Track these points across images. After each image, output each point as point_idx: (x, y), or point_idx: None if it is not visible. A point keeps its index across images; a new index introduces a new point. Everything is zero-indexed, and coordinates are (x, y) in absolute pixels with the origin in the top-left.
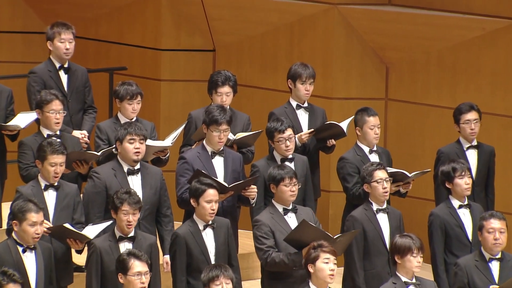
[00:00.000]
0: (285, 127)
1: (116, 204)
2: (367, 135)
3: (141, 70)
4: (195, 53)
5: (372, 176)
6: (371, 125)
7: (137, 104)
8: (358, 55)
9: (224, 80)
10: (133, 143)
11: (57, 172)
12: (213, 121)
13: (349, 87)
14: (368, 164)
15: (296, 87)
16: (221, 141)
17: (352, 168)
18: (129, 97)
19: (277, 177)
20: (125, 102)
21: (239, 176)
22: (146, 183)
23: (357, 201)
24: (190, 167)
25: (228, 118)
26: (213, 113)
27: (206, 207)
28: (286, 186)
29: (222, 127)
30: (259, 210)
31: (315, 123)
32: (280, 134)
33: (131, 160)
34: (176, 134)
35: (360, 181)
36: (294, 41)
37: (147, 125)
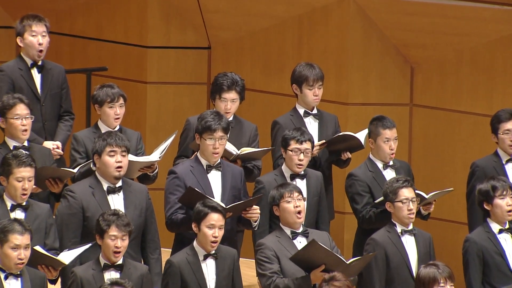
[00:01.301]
0: (306, 138)
1: (102, 228)
2: (381, 150)
3: (124, 70)
4: (187, 51)
5: (397, 194)
6: (386, 139)
7: (119, 108)
8: (377, 53)
9: (231, 84)
10: (114, 156)
11: (25, 189)
12: (206, 127)
13: (367, 91)
14: (393, 180)
15: (303, 93)
16: (216, 151)
17: (362, 186)
18: (110, 99)
19: (276, 195)
20: (105, 106)
21: (239, 194)
22: (130, 203)
23: (367, 225)
24: (181, 183)
25: (225, 125)
26: (206, 119)
27: (208, 233)
28: (287, 202)
29: (217, 134)
30: (263, 234)
31: (326, 133)
32: (297, 144)
33: (112, 176)
34: (165, 146)
35: (371, 202)
36: (303, 37)
37: (132, 135)
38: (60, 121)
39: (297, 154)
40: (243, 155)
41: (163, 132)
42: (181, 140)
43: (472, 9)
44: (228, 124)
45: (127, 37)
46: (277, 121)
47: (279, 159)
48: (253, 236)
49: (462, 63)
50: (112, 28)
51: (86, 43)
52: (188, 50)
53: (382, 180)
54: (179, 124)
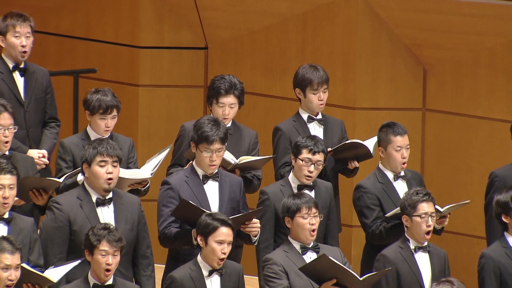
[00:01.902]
0: (319, 149)
1: (92, 243)
2: (392, 159)
3: (114, 72)
4: (182, 52)
5: (416, 208)
6: (397, 146)
7: (111, 120)
8: (388, 54)
9: (229, 88)
10: (105, 166)
11: (6, 197)
12: (203, 138)
13: (376, 94)
14: (413, 192)
15: (307, 97)
16: (213, 163)
17: (371, 199)
18: (102, 110)
19: (292, 207)
20: (96, 116)
21: (238, 206)
22: (121, 216)
23: (377, 241)
24: (175, 195)
25: (222, 135)
26: (203, 128)
27: (216, 249)
28: (303, 218)
29: (215, 146)
30: (267, 249)
31: (331, 140)
32: (309, 154)
33: (102, 188)
34: (158, 161)
35: (381, 216)
36: (307, 36)
37: (124, 142)
38: (46, 128)
39: (307, 165)
40: (242, 164)
41: (156, 139)
42: (175, 148)
43: (490, 6)
44: (227, 133)
45: (118, 37)
46: (279, 127)
47: (282, 168)
48: (257, 252)
49: (479, 65)
50: (102, 27)
51: (73, 43)
52: (183, 50)
53: (392, 192)
54: (173, 130)
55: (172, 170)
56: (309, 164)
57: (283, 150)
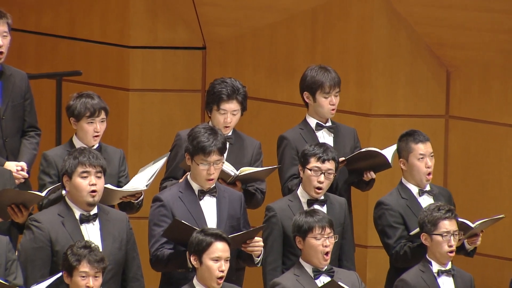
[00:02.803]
0: (329, 157)
1: (70, 263)
2: (415, 169)
3: (102, 75)
4: (177, 52)
5: (437, 226)
6: (420, 154)
7: (100, 124)
8: (407, 54)
9: (231, 93)
10: (87, 177)
11: None
12: (199, 149)
13: (394, 99)
14: (434, 207)
15: (317, 102)
16: (210, 177)
17: (394, 217)
18: (89, 113)
19: (304, 226)
20: (83, 121)
21: (238, 224)
22: (107, 234)
23: (401, 263)
24: (168, 213)
25: (220, 145)
26: (198, 138)
27: (213, 267)
28: (316, 239)
29: (212, 157)
30: (275, 272)
31: (343, 149)
32: (318, 163)
33: (85, 202)
34: (153, 172)
35: (406, 235)
36: (317, 35)
37: (114, 153)
38: (24, 137)
39: (316, 174)
40: (243, 176)
41: (148, 150)
42: (169, 158)
43: None
44: (225, 142)
45: (105, 35)
46: (285, 136)
47: (289, 182)
48: (263, 275)
49: (509, 66)
50: (87, 24)
51: (55, 42)
52: (178, 50)
53: (417, 208)
54: (167, 139)
55: (166, 183)
56: (319, 173)
57: (290, 162)
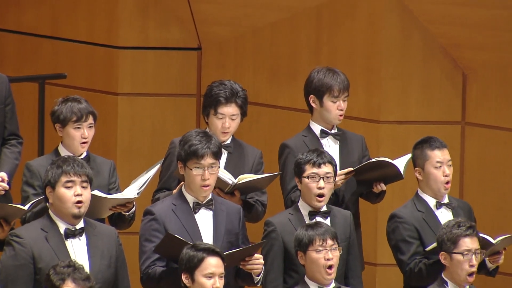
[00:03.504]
0: (325, 160)
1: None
2: (432, 179)
3: (88, 78)
4: (170, 53)
5: (457, 244)
6: (437, 162)
7: (88, 129)
8: (420, 56)
9: (230, 96)
10: (72, 188)
11: None
12: (191, 153)
13: (406, 105)
14: (454, 224)
15: (324, 106)
16: (205, 183)
17: (409, 231)
18: (76, 118)
19: (304, 239)
20: (69, 127)
21: (236, 240)
22: (95, 249)
23: (415, 282)
24: (160, 227)
25: (215, 148)
26: (190, 141)
27: (206, 284)
28: (317, 252)
29: (206, 160)
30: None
31: (350, 158)
32: (314, 168)
33: (70, 214)
34: (146, 179)
35: (421, 251)
36: (322, 35)
37: (104, 164)
38: (5, 146)
39: (315, 180)
40: (242, 184)
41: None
42: (162, 169)
43: None
44: (220, 147)
45: (92, 35)
46: (287, 144)
47: (292, 193)
48: None
49: None
50: (72, 22)
51: (38, 42)
52: (171, 51)
53: (434, 222)
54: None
55: (159, 195)
56: (317, 179)
57: (292, 172)
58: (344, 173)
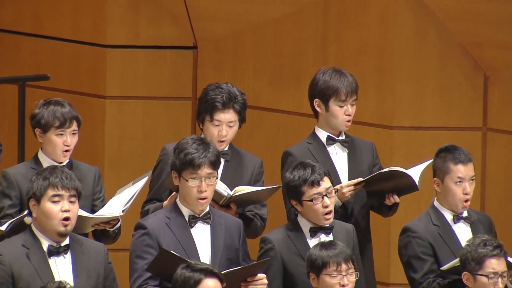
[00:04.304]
0: (320, 175)
1: None
2: (450, 194)
3: (73, 80)
4: (163, 53)
5: (483, 265)
6: (458, 178)
7: (71, 136)
8: (437, 55)
9: (227, 101)
10: (59, 202)
11: None
12: (187, 162)
13: (421, 109)
14: (480, 242)
15: (330, 111)
16: (202, 195)
17: (422, 246)
18: (59, 123)
19: (317, 261)
20: (51, 133)
21: (237, 257)
22: (81, 268)
23: None
24: (153, 242)
25: (213, 157)
26: (186, 150)
27: None
28: (331, 277)
29: (203, 170)
30: None
31: (359, 167)
32: (314, 188)
33: (55, 232)
34: (132, 195)
35: (435, 269)
36: (330, 32)
37: (88, 172)
38: None
39: (318, 202)
40: (239, 196)
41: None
42: (153, 177)
43: None
44: (219, 155)
45: (77, 32)
46: (290, 152)
47: None
48: None
49: None
50: (56, 19)
51: (18, 40)
52: (164, 50)
53: (451, 238)
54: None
55: (149, 207)
56: (321, 199)
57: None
58: (353, 184)
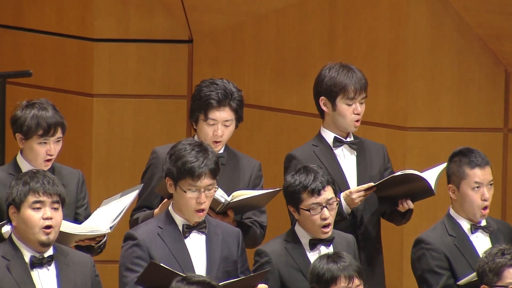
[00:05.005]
0: (323, 183)
1: None
2: (467, 201)
3: (57, 77)
4: (156, 47)
5: (501, 276)
6: (475, 183)
7: (55, 145)
8: (454, 50)
9: (223, 98)
10: (40, 209)
11: None
12: (186, 172)
13: (437, 108)
14: (497, 251)
15: (337, 110)
16: (201, 207)
17: (437, 259)
18: (43, 132)
19: (325, 275)
20: (33, 141)
21: (235, 269)
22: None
23: None
24: (144, 254)
25: (213, 165)
26: (184, 157)
27: None
28: None
29: (203, 181)
30: None
31: (369, 171)
32: (313, 198)
33: (37, 241)
34: (123, 207)
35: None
36: (337, 25)
37: (71, 176)
38: None
39: (316, 212)
40: (237, 203)
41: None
42: (143, 182)
43: None
44: (218, 162)
45: (62, 25)
46: (294, 155)
47: None
48: None
49: None
50: (39, 10)
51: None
52: (157, 44)
53: (468, 249)
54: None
55: (138, 215)
56: (319, 210)
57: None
58: (363, 189)
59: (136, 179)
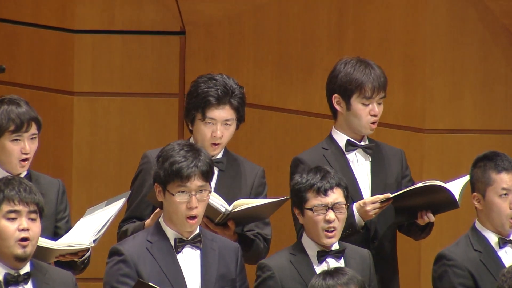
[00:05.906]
0: (332, 183)
1: None
2: (495, 210)
3: (34, 72)
4: (145, 39)
5: None
6: (503, 189)
7: (29, 142)
8: (477, 43)
9: (222, 95)
10: (15, 220)
11: None
12: (174, 173)
13: (458, 108)
14: None
15: (352, 110)
16: (192, 213)
17: (461, 277)
18: (15, 127)
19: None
20: (5, 138)
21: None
22: None
23: None
24: (131, 271)
25: (205, 166)
26: (172, 157)
27: None
28: None
29: (193, 183)
30: None
31: (385, 178)
32: (318, 197)
33: (12, 255)
34: (108, 218)
35: None
36: (347, 15)
37: (50, 186)
38: None
39: (320, 213)
40: (238, 213)
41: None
42: (133, 190)
43: None
44: (212, 164)
45: (39, 15)
46: (302, 159)
47: None
48: None
49: None
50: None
51: None
52: (146, 36)
53: (496, 266)
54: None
55: (127, 227)
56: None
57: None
58: (379, 200)
59: (122, 187)
